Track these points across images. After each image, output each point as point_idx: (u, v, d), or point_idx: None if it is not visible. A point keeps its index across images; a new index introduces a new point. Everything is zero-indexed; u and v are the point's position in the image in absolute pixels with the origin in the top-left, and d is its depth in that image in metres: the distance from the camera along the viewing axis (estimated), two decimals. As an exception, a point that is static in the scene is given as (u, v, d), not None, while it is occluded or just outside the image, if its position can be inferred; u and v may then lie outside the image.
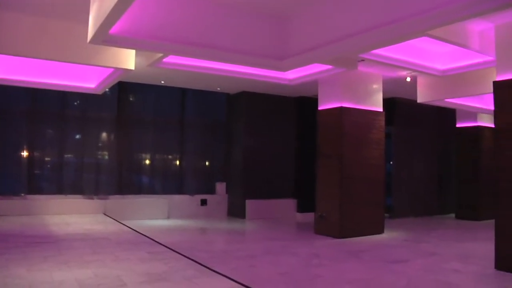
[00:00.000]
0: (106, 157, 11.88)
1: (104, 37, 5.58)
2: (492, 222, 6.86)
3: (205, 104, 12.82)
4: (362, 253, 7.72)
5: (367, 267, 6.72)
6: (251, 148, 12.38)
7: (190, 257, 6.83)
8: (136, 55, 7.93)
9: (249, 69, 9.20)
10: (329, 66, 8.50)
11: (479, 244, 8.79)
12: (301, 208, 12.68)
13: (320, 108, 9.93)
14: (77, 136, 11.68)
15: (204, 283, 5.43)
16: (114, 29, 5.40)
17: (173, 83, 11.48)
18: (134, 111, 12.22)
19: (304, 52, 6.96)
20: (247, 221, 11.80)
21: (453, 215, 13.76)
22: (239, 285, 5.39)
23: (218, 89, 12.33)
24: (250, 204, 12.20)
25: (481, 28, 7.10)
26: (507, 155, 6.56)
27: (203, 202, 12.50)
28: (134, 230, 9.25)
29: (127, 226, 9.66)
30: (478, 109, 11.68)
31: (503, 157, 6.61)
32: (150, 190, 12.25)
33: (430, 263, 7.01)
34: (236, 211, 12.50)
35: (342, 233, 9.22)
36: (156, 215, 11.75)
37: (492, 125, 6.86)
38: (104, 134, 11.91)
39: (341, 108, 9.35)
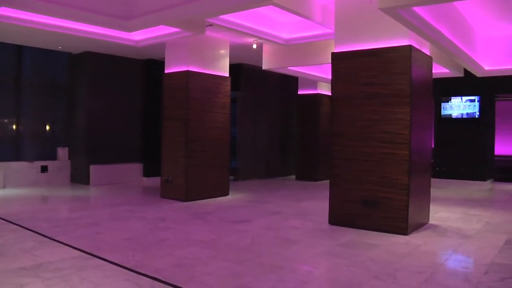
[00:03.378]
0: None
1: None
2: (328, 182, 7.47)
3: (45, 63, 11.91)
4: (208, 215, 7.93)
5: (213, 228, 6.93)
6: (96, 112, 11.89)
7: (30, 227, 6.47)
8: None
9: (93, 28, 8.76)
10: (177, 29, 8.42)
11: (316, 202, 9.49)
12: (148, 173, 12.59)
13: (166, 71, 9.83)
14: None
15: (45, 254, 5.20)
16: None
17: (8, 39, 10.47)
18: (-40, 69, 11.00)
19: (151, 13, 6.82)
20: (91, 187, 11.41)
21: (294, 176, 14.67)
22: (83, 254, 5.26)
23: (60, 48, 11.52)
24: (94, 169, 11.79)
25: (323, 2, 7.53)
26: (340, 121, 7.14)
27: (44, 169, 11.76)
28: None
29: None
30: (318, 77, 12.46)
31: (337, 123, 7.19)
32: (-19, 156, 11.21)
33: (272, 222, 7.44)
34: (79, 177, 12.00)
35: (188, 196, 9.37)
36: (-12, 184, 10.84)
37: (330, 93, 7.38)
38: None
39: (188, 72, 9.34)
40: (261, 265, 4.96)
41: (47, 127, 12.23)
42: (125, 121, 12.56)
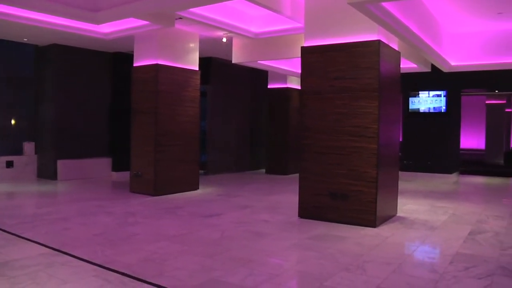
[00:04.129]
0: None
1: None
2: (297, 176, 7.51)
3: (10, 56, 11.62)
4: (178, 210, 7.89)
5: (183, 222, 6.90)
6: (63, 105, 11.67)
7: (-5, 224, 6.35)
8: None
9: (60, 20, 8.59)
10: (146, 22, 8.33)
11: (285, 196, 9.56)
12: (117, 167, 12.44)
13: (135, 64, 9.72)
14: None
15: (11, 252, 5.10)
16: None
17: (-30, 30, 10.21)
18: None
19: (119, 5, 6.72)
20: (59, 183, 11.22)
21: (263, 170, 14.72)
22: (50, 250, 5.17)
23: (25, 40, 11.26)
24: (62, 164, 11.59)
25: (293, -4, 7.55)
26: (310, 115, 7.19)
27: (9, 164, 11.48)
28: None
29: None
30: (288, 71, 12.51)
31: (306, 117, 7.24)
32: None
33: (243, 215, 7.46)
34: (46, 173, 11.79)
35: (158, 190, 9.31)
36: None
37: (299, 87, 7.41)
38: None
39: (157, 65, 9.25)
40: (232, 259, 4.96)
41: (13, 121, 11.94)
42: (93, 115, 12.37)
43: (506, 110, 21.19)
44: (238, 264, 4.77)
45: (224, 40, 10.17)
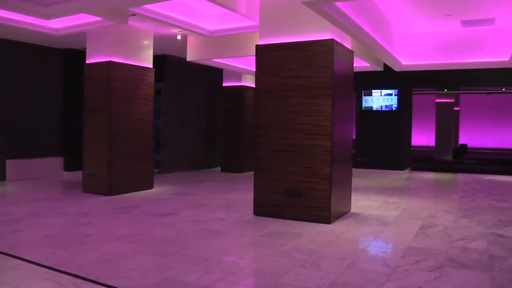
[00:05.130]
0: None
1: None
2: (253, 174, 7.54)
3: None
4: (132, 209, 7.79)
5: (138, 222, 6.82)
6: (12, 103, 11.29)
7: None
8: None
9: (8, 14, 8.29)
10: (99, 18, 8.16)
11: (241, 194, 9.57)
12: (69, 167, 12.15)
13: (88, 61, 9.51)
14: None
15: (-43, 253, 4.93)
16: None
17: None
18: None
19: (70, 1, 6.56)
20: (8, 183, 10.86)
21: (219, 168, 14.69)
22: (0, 254, 5.01)
23: (-30, 35, 10.87)
24: (11, 164, 11.22)
25: (248, -6, 7.56)
26: (265, 113, 7.22)
27: (-46, 163, 11.06)
28: None
29: None
30: (243, 70, 12.53)
31: (261, 115, 7.27)
32: None
33: (198, 214, 7.42)
34: (-6, 172, 11.40)
35: (112, 190, 9.15)
36: None
37: (254, 85, 7.44)
38: None
39: (110, 62, 9.09)
40: (187, 258, 4.94)
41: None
42: (44, 113, 12.03)
43: (455, 108, 21.92)
44: (194, 263, 4.75)
45: (179, 37, 10.08)
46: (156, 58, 10.53)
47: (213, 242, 5.68)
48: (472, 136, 27.27)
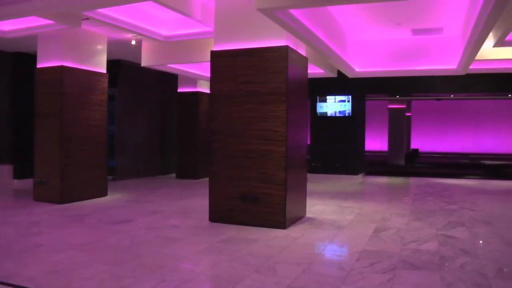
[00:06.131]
0: None
1: None
2: (208, 180, 7.51)
3: None
4: (86, 217, 7.63)
5: (91, 230, 6.68)
6: (-43, 109, 10.90)
7: None
8: None
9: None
10: (51, 21, 7.97)
11: (196, 200, 9.52)
12: (19, 174, 11.77)
13: (39, 65, 9.25)
14: None
15: None
16: None
17: None
18: None
19: (21, 2, 6.39)
20: (-47, 191, 10.47)
21: (174, 175, 14.56)
22: None
23: None
24: (-44, 171, 10.82)
25: (203, 0, 7.54)
26: (220, 119, 7.22)
27: None
28: None
29: None
30: (198, 75, 12.49)
31: (216, 121, 7.26)
32: None
33: (153, 221, 7.34)
34: None
35: (64, 198, 8.92)
36: None
37: (209, 91, 7.43)
38: None
39: (62, 67, 8.89)
40: (142, 266, 4.87)
41: None
42: (-8, 119, 11.65)
43: (406, 114, 22.49)
44: (149, 271, 4.69)
45: (133, 42, 9.97)
46: (110, 63, 10.38)
47: (168, 249, 5.63)
48: (423, 140, 28.03)
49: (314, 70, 10.99)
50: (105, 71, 9.85)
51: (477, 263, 5.08)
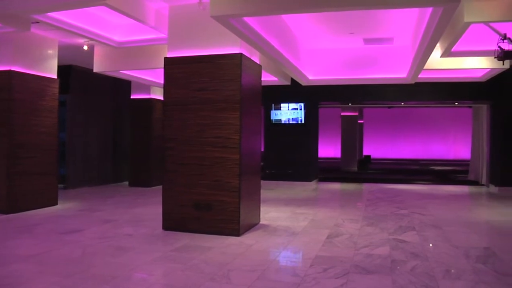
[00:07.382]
0: None
1: None
2: (161, 187, 7.44)
3: None
4: (35, 227, 7.41)
5: (41, 241, 6.48)
6: None
7: None
8: None
9: None
10: (-2, 24, 7.75)
11: (149, 208, 9.41)
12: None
13: (-15, 70, 8.99)
14: None
15: None
16: None
17: None
18: None
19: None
20: None
21: (127, 182, 14.34)
22: None
23: None
24: None
25: (157, 6, 7.49)
26: (173, 126, 7.18)
27: None
28: None
29: None
30: (151, 82, 12.37)
31: (169, 128, 7.21)
32: None
33: (105, 230, 7.20)
34: None
35: (11, 207, 8.62)
36: None
37: (162, 98, 7.38)
38: None
39: (10, 71, 8.62)
40: (94, 277, 4.77)
41: None
42: None
43: (359, 121, 22.93)
44: (101, 281, 4.60)
45: (85, 47, 9.79)
46: (61, 69, 10.15)
47: (121, 258, 5.53)
48: (375, 147, 28.61)
49: (268, 78, 11.08)
50: (56, 77, 9.62)
51: (426, 265, 5.24)
